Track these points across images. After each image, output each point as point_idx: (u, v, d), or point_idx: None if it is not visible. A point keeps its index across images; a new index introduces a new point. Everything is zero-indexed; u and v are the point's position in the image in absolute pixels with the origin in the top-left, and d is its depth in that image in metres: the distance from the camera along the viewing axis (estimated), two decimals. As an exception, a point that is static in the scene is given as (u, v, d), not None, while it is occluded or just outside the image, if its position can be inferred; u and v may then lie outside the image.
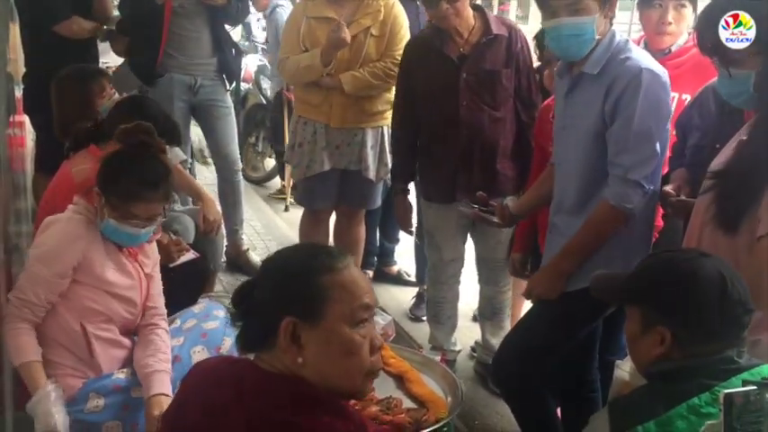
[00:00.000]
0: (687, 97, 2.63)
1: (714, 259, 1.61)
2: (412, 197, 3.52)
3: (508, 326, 3.38)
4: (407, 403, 2.30)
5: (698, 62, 2.59)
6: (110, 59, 5.65)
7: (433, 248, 3.37)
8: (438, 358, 2.79)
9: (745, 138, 1.89)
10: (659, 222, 2.59)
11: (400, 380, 2.43)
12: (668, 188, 2.32)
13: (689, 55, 2.71)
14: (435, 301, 3.44)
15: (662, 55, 2.70)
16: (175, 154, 2.90)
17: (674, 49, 2.77)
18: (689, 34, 2.81)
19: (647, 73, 2.15)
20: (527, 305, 2.67)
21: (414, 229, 3.53)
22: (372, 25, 3.45)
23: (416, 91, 3.17)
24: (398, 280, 4.49)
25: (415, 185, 3.56)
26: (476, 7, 3.09)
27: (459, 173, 3.11)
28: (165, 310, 2.52)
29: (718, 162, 1.96)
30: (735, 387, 1.46)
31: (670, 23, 2.72)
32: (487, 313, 3.42)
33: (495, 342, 3.31)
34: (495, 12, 8.50)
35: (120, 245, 2.38)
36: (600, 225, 2.25)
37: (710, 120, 2.37)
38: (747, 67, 1.90)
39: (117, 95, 3.20)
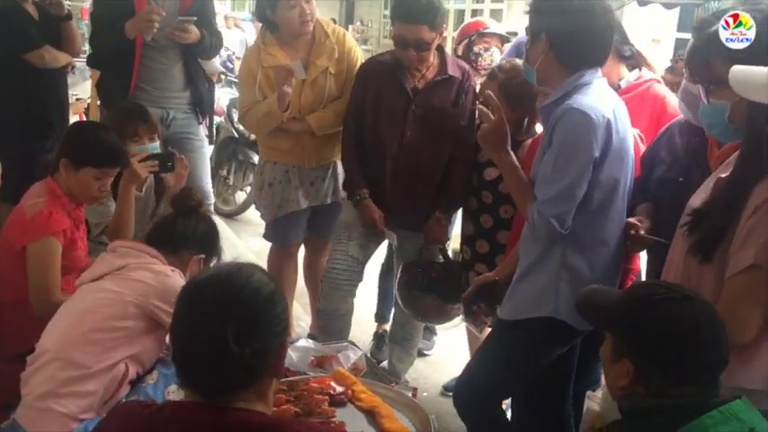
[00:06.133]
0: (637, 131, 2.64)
1: (695, 302, 1.57)
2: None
3: (415, 354, 3.56)
4: (379, 439, 2.27)
5: (642, 97, 2.74)
6: (79, 91, 5.63)
7: (341, 241, 3.38)
8: (410, 393, 2.77)
9: (723, 176, 1.89)
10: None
11: (371, 415, 2.41)
12: (632, 219, 2.35)
13: (636, 92, 2.81)
14: (326, 312, 3.41)
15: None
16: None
17: (623, 84, 2.85)
18: (639, 70, 2.91)
19: (574, 112, 2.16)
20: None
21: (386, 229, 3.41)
22: (329, 64, 3.49)
23: (366, 109, 3.27)
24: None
25: None
26: (437, 47, 3.22)
27: (386, 194, 3.26)
28: None
29: (697, 200, 1.96)
30: (704, 426, 1.45)
31: None
32: (398, 338, 3.51)
33: (401, 368, 3.49)
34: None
35: None
36: (522, 197, 2.32)
37: (676, 154, 2.41)
38: (725, 98, 1.89)
39: (158, 142, 3.20)
